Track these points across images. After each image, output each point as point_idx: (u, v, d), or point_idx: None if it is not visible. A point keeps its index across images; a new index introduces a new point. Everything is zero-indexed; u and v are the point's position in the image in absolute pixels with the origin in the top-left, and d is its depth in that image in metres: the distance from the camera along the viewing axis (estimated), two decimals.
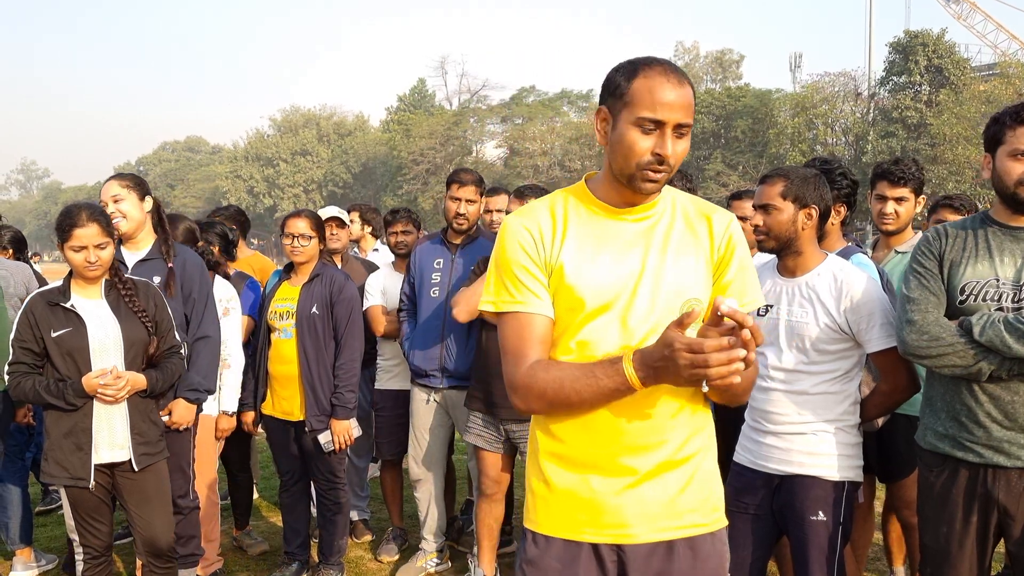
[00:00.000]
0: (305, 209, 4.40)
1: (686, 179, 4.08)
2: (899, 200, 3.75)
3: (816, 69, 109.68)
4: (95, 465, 3.36)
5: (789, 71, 54.98)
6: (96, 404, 3.34)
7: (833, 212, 3.31)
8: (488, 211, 4.68)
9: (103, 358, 3.34)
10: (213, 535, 4.30)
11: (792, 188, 2.92)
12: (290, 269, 4.34)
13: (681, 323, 1.69)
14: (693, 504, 1.97)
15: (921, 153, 36.45)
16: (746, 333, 1.62)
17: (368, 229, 6.16)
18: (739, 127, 45.51)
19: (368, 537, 5.03)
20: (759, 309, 2.98)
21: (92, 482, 3.36)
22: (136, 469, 3.40)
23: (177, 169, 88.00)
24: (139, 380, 3.37)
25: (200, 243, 4.32)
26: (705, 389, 1.72)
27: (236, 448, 4.76)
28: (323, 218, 4.99)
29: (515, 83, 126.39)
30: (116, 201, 3.75)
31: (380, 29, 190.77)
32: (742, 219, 3.88)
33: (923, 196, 3.82)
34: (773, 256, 3.06)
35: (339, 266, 5.01)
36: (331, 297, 4.17)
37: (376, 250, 6.09)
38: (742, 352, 1.62)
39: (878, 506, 4.48)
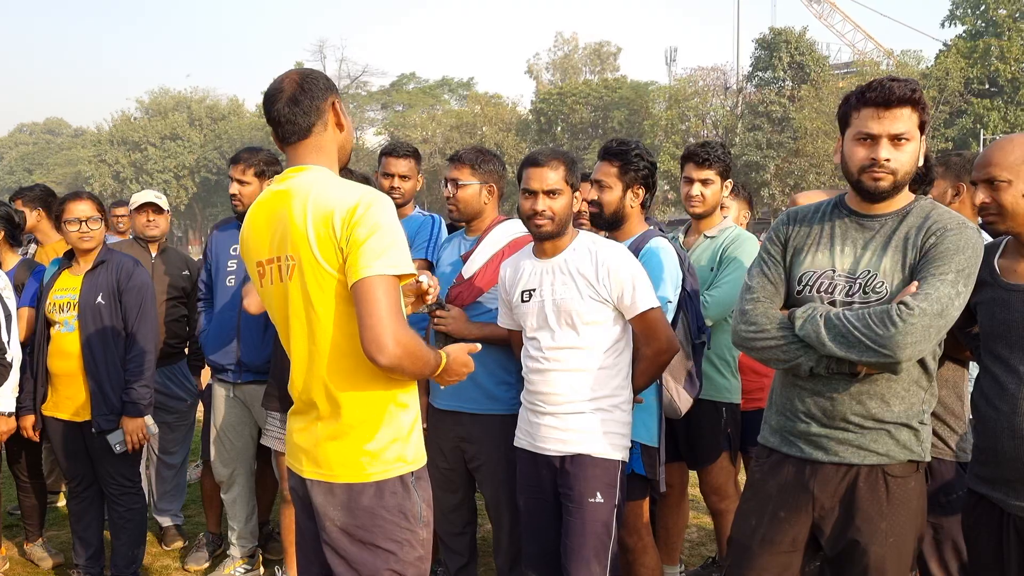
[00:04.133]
0: (83, 190, 4.03)
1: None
2: (705, 182, 3.71)
3: (690, 63, 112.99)
4: None
5: (665, 64, 56.39)
6: None
7: (631, 194, 3.25)
8: None
9: None
10: None
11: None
12: (71, 256, 3.96)
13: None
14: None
15: (785, 146, 38.07)
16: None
17: None
18: (616, 118, 46.35)
19: (179, 544, 4.70)
20: (522, 295, 3.01)
21: None
22: None
23: (35, 153, 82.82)
24: None
25: None
26: None
27: (25, 452, 4.35)
28: (139, 203, 4.63)
29: (395, 69, 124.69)
30: None
31: (256, 9, 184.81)
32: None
33: (730, 180, 3.81)
34: (528, 245, 3.11)
35: (153, 254, 4.66)
36: (118, 284, 3.83)
37: None
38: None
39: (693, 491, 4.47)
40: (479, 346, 2.51)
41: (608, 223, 3.34)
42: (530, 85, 63.25)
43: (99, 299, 3.80)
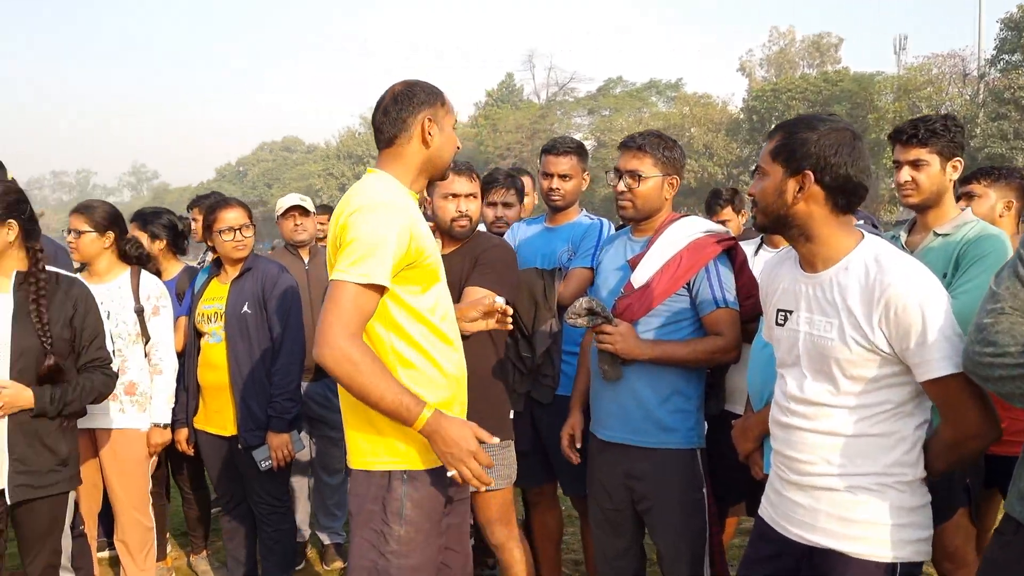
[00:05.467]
0: (232, 198, 3.86)
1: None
2: (916, 164, 2.93)
3: (922, 50, 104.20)
4: None
5: (893, 54, 52.26)
6: None
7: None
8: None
9: None
10: (146, 564, 3.83)
11: (786, 146, 2.10)
12: (220, 265, 3.81)
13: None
14: None
15: None
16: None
17: None
18: (837, 113, 43.41)
19: (339, 564, 4.48)
20: (777, 316, 2.22)
21: None
22: (8, 502, 2.88)
23: (274, 168, 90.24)
24: (22, 396, 2.84)
25: (129, 234, 3.83)
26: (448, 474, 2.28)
27: (187, 464, 4.28)
28: (285, 208, 4.48)
29: (603, 74, 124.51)
30: None
31: (468, 21, 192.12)
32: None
33: (958, 160, 2.98)
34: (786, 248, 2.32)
35: (306, 260, 4.49)
36: (264, 293, 3.62)
37: None
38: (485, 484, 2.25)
39: None
40: (496, 440, 2.31)
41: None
42: (742, 83, 60.87)
43: (245, 308, 3.62)
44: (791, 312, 2.18)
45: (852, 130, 2.12)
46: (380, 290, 2.20)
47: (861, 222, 2.61)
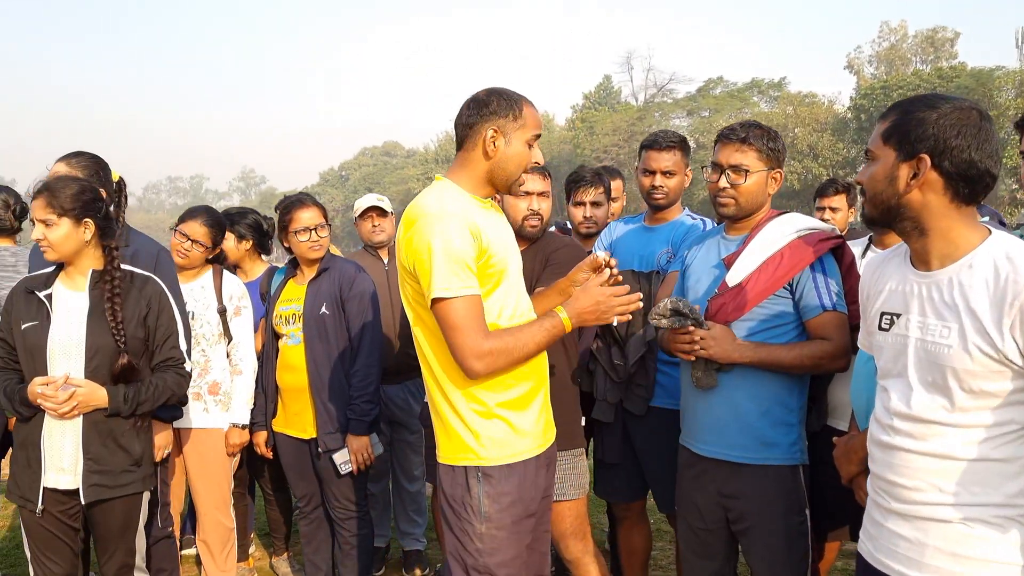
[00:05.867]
0: (307, 196, 3.80)
1: None
2: None
3: None
4: (47, 489, 2.87)
5: (1015, 48, 49.50)
6: (47, 417, 2.86)
7: None
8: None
9: (64, 362, 2.85)
10: (227, 564, 3.81)
11: (900, 127, 1.86)
12: (296, 265, 3.75)
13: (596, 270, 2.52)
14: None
15: None
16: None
17: None
18: None
19: (418, 572, 4.37)
20: (881, 319, 1.97)
21: (40, 506, 2.89)
22: (83, 502, 2.87)
23: (375, 173, 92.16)
24: (95, 395, 2.83)
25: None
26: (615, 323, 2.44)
27: (268, 466, 4.25)
28: (363, 208, 4.41)
29: (703, 75, 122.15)
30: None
31: (566, 27, 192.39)
32: None
33: None
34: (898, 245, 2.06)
35: (385, 261, 4.41)
36: (341, 293, 3.55)
37: None
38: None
39: None
40: (612, 260, 2.47)
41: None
42: (849, 81, 58.76)
43: (323, 309, 3.55)
44: (898, 315, 1.92)
45: (979, 110, 1.84)
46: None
47: (987, 219, 2.32)
